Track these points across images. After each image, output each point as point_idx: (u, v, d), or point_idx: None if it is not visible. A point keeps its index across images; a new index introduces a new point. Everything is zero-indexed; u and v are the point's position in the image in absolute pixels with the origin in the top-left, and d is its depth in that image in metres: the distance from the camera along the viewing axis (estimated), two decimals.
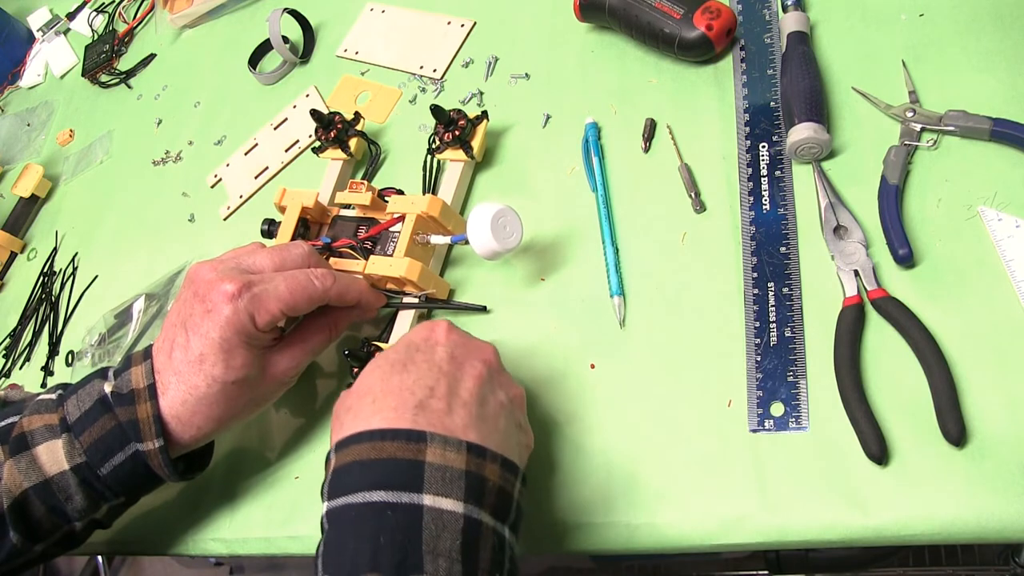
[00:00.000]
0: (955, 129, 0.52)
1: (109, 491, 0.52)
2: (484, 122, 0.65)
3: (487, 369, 0.46)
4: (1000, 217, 0.49)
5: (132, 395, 0.51)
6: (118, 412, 0.51)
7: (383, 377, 0.44)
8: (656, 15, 0.61)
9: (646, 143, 0.61)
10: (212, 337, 0.50)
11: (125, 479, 0.52)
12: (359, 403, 0.43)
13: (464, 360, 0.46)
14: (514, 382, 0.48)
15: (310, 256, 0.55)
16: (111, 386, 0.52)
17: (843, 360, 0.47)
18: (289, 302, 0.51)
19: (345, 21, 0.85)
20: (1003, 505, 0.42)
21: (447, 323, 0.48)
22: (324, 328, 0.56)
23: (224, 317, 0.49)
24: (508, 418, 0.45)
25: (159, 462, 0.51)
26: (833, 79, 0.58)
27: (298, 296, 0.51)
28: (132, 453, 0.51)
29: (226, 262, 0.52)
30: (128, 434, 0.51)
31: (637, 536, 0.49)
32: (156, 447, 0.51)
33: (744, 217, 0.55)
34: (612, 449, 0.51)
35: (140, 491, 0.54)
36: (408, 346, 0.46)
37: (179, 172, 0.86)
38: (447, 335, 0.47)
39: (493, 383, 0.46)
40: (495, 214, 0.54)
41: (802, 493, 0.46)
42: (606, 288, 0.57)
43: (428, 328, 0.48)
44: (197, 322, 0.50)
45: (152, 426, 0.50)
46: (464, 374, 0.45)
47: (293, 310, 0.51)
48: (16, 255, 0.93)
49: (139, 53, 1.01)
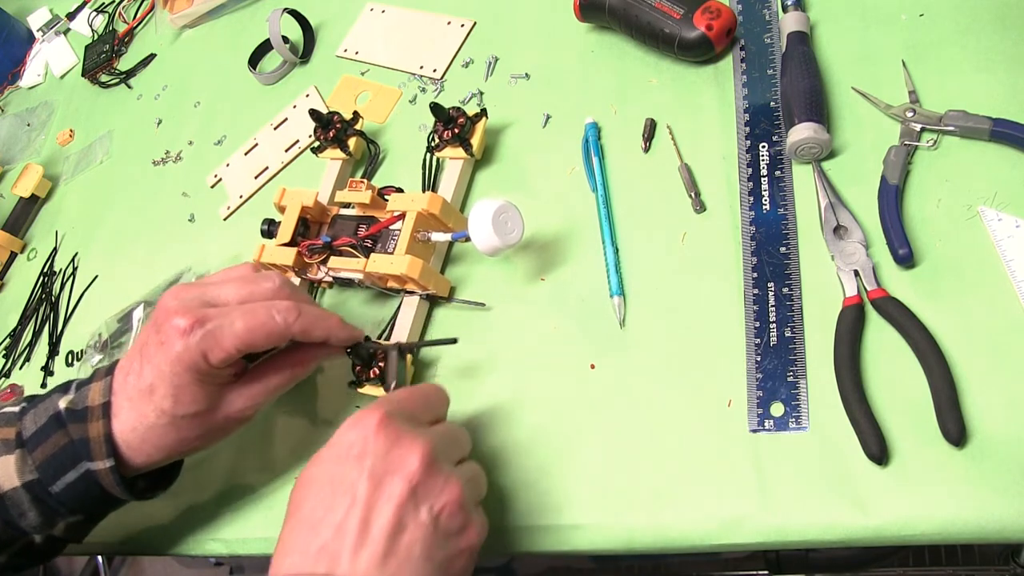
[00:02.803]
0: (955, 129, 0.52)
1: (63, 508, 0.51)
2: (483, 119, 0.65)
3: (410, 488, 0.41)
4: (1000, 217, 0.49)
5: (86, 412, 0.50)
6: (71, 429, 0.50)
7: (312, 492, 0.42)
8: (656, 15, 0.61)
9: (646, 143, 0.61)
10: (163, 370, 0.48)
11: (79, 497, 0.51)
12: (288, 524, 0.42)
13: (384, 478, 0.41)
14: (451, 479, 0.43)
15: (281, 288, 0.52)
16: (67, 401, 0.51)
17: (843, 360, 0.47)
18: (245, 339, 0.48)
19: (345, 21, 0.85)
20: (1003, 505, 0.42)
21: (379, 418, 0.43)
22: (288, 367, 0.53)
23: (175, 352, 0.48)
24: (431, 539, 0.41)
25: (111, 481, 0.50)
26: (833, 79, 0.58)
27: (256, 333, 0.49)
28: (84, 472, 0.50)
29: (192, 291, 0.50)
30: (80, 452, 0.50)
31: (637, 536, 0.49)
32: (107, 467, 0.49)
33: (744, 217, 0.55)
34: (612, 449, 0.51)
35: (99, 509, 0.53)
36: (339, 451, 0.43)
37: (179, 172, 0.86)
38: (375, 439, 0.42)
39: (417, 500, 0.41)
40: (497, 209, 0.54)
41: (802, 493, 0.46)
42: (606, 288, 0.57)
43: (358, 426, 0.43)
44: (151, 352, 0.49)
45: (103, 446, 0.49)
46: (380, 500, 0.41)
47: (250, 347, 0.49)
48: (16, 255, 0.93)
49: (139, 53, 1.01)
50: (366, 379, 0.57)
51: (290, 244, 0.64)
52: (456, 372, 0.59)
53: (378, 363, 0.56)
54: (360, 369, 0.57)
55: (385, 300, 0.64)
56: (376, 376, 0.56)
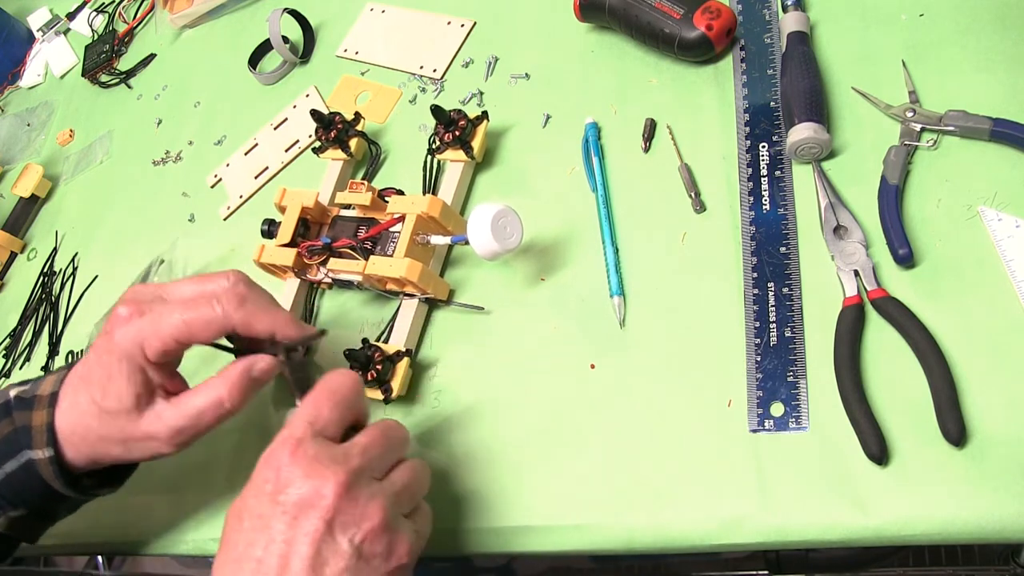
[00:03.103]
0: (955, 129, 0.52)
1: (4, 500, 0.50)
2: (484, 122, 0.65)
3: (326, 522, 0.40)
4: (1000, 217, 0.49)
5: (33, 401, 0.50)
6: (16, 417, 0.50)
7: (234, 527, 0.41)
8: (656, 15, 0.61)
9: (646, 143, 0.61)
10: (101, 359, 0.48)
11: (20, 488, 0.50)
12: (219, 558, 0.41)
13: (299, 514, 0.40)
14: (372, 501, 0.41)
15: (236, 284, 0.49)
16: (19, 390, 0.51)
17: (843, 360, 0.47)
18: (183, 330, 0.47)
19: (345, 21, 0.84)
20: (1003, 505, 0.42)
21: (290, 449, 0.41)
22: (213, 389, 0.49)
23: (114, 340, 0.47)
24: (355, 568, 0.40)
25: (51, 473, 0.49)
26: (833, 79, 0.58)
27: (194, 324, 0.47)
28: (25, 461, 0.49)
29: (150, 288, 0.50)
30: (21, 440, 0.49)
31: (637, 536, 0.49)
32: (47, 456, 0.48)
33: (744, 217, 0.55)
34: (612, 449, 0.51)
35: (42, 504, 0.52)
36: (256, 487, 0.42)
37: (179, 172, 0.86)
38: (289, 471, 0.41)
39: (336, 532, 0.40)
40: (495, 214, 0.54)
41: (802, 493, 0.46)
42: (606, 288, 0.57)
43: (271, 461, 0.41)
44: (98, 342, 0.48)
45: (44, 434, 0.48)
46: (297, 537, 0.40)
47: (189, 337, 0.47)
48: (16, 255, 0.93)
49: (139, 53, 1.01)
50: (364, 382, 0.57)
51: (290, 244, 0.64)
52: (456, 373, 0.59)
53: (375, 366, 0.56)
54: (358, 371, 0.57)
55: (384, 302, 0.64)
56: (374, 379, 0.56)
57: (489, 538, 0.52)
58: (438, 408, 0.58)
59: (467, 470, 0.55)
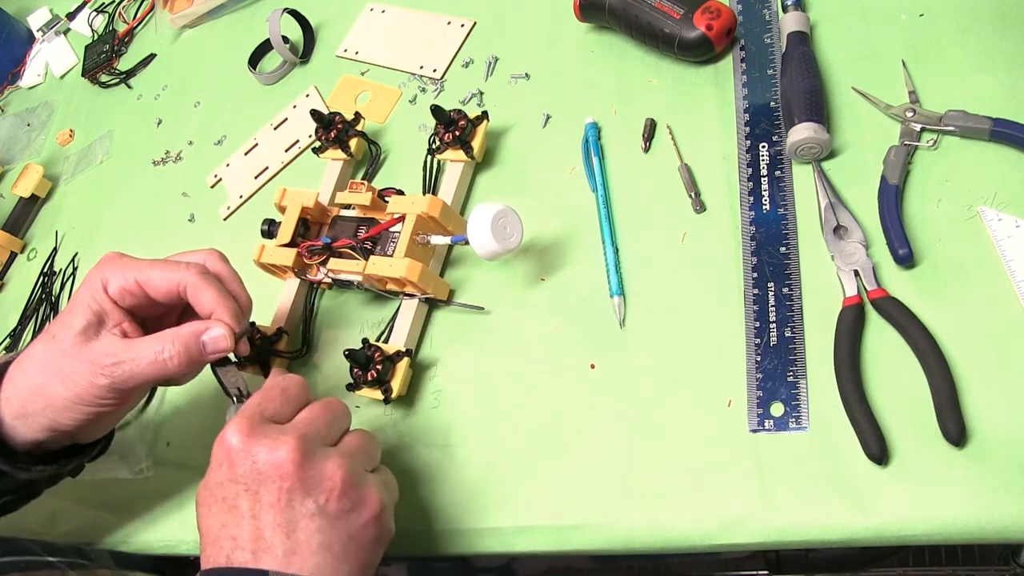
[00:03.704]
0: (955, 129, 0.52)
1: None
2: (484, 122, 0.65)
3: (286, 490, 0.42)
4: (1000, 217, 0.49)
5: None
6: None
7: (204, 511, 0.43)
8: (656, 15, 0.61)
9: (646, 143, 0.61)
10: (71, 302, 0.50)
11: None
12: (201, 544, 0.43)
13: (260, 488, 0.42)
14: (329, 462, 0.43)
15: (209, 257, 0.53)
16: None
17: (843, 360, 0.47)
18: (145, 272, 0.50)
19: (345, 21, 0.84)
20: (1003, 505, 0.42)
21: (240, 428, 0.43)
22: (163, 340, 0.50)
23: (84, 281, 0.51)
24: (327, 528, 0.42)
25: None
26: (833, 79, 0.58)
27: (154, 270, 0.50)
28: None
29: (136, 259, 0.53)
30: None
31: (637, 536, 0.49)
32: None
33: (744, 217, 0.55)
34: (612, 449, 0.51)
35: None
36: (214, 470, 0.43)
37: (179, 172, 0.86)
38: (244, 450, 0.42)
39: (298, 497, 0.42)
40: (495, 214, 0.54)
41: (802, 493, 0.46)
42: (606, 288, 0.57)
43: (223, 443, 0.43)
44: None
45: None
46: (263, 509, 0.41)
47: (147, 282, 0.50)
48: (16, 255, 0.93)
49: (139, 53, 1.01)
50: (363, 382, 0.57)
51: (290, 245, 0.64)
52: (456, 373, 0.59)
53: (375, 366, 0.56)
54: (358, 372, 0.57)
55: (384, 302, 0.64)
56: (374, 379, 0.56)
57: (489, 538, 0.52)
58: (438, 408, 0.58)
59: (467, 470, 0.55)
